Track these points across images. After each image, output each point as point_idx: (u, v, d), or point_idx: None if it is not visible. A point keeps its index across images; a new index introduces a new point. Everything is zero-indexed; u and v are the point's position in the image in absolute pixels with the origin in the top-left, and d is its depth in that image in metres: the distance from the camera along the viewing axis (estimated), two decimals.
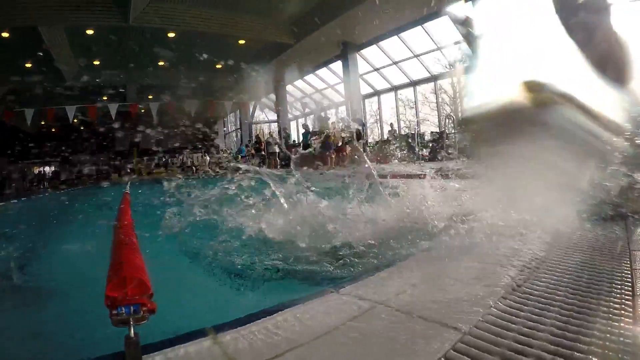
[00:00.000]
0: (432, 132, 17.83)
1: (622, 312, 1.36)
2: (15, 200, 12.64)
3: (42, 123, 29.05)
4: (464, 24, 14.14)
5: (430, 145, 16.49)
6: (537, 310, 1.40)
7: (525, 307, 1.43)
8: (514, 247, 2.13)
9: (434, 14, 16.06)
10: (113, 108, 20.10)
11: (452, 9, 15.23)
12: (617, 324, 1.28)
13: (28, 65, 19.76)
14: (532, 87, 1.35)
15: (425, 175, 4.13)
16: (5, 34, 16.03)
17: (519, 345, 1.17)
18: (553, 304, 1.44)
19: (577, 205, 3.23)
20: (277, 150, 21.17)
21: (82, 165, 33.09)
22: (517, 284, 1.65)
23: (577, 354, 1.12)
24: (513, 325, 1.29)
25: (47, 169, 34.33)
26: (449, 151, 12.77)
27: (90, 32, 17.31)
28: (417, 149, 14.49)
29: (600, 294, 1.51)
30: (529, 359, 1.11)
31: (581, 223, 2.71)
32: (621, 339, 1.19)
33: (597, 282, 1.65)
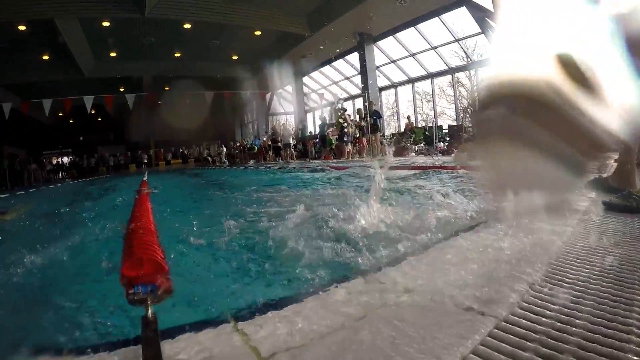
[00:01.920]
0: (449, 126, 17.67)
1: None
2: (33, 190, 12.80)
3: (60, 114, 29.45)
4: (483, 15, 13.97)
5: (448, 138, 16.37)
6: (572, 298, 1.33)
7: (560, 295, 1.36)
8: (538, 237, 2.06)
9: (452, 5, 15.90)
10: (130, 99, 20.25)
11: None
12: None
13: (45, 57, 19.97)
14: (568, 61, 1.26)
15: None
16: (21, 27, 16.19)
17: (557, 333, 1.11)
18: (587, 292, 1.38)
19: (600, 196, 3.16)
20: (292, 142, 21.20)
21: (100, 156, 33.57)
22: (549, 272, 1.59)
23: (620, 333, 1.06)
24: (549, 312, 1.23)
25: (65, 159, 34.88)
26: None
27: (106, 24, 17.42)
28: (435, 142, 14.37)
29: (633, 285, 1.44)
30: (569, 346, 1.05)
31: (605, 214, 2.63)
32: None
33: (629, 271, 1.57)
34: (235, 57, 24.00)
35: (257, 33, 19.96)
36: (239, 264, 2.26)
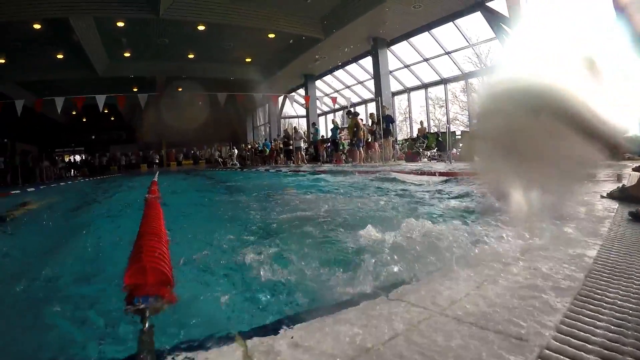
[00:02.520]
0: (462, 131, 17.50)
1: None
2: (43, 187, 12.80)
3: (73, 113, 29.67)
4: (497, 20, 13.93)
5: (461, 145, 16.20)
6: (614, 320, 1.20)
7: (603, 317, 1.23)
8: (567, 251, 1.93)
9: (466, 10, 15.77)
10: (142, 99, 20.30)
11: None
12: None
13: (59, 56, 20.12)
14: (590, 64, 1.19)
15: None
16: (36, 26, 16.29)
17: None
18: (630, 312, 1.25)
19: (624, 206, 3.03)
20: (303, 145, 21.13)
21: (111, 155, 33.78)
22: (586, 290, 1.45)
23: None
24: (593, 338, 1.10)
25: (77, 157, 35.16)
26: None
27: (120, 24, 17.49)
28: (447, 148, 14.20)
29: None
30: None
31: (632, 225, 2.49)
32: None
33: None
34: (248, 60, 24.02)
35: (271, 36, 19.94)
36: (256, 278, 2.06)
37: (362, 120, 17.57)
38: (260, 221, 3.63)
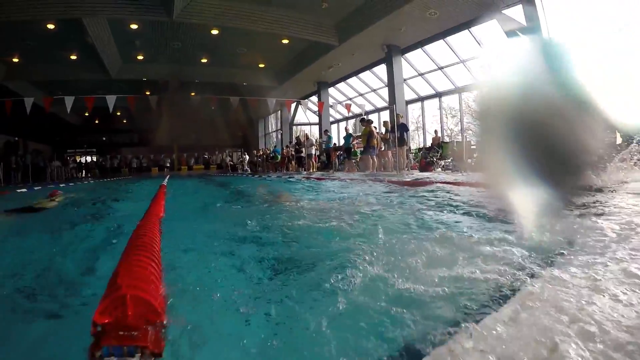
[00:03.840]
0: (477, 141, 17.14)
1: None
2: (51, 186, 12.60)
3: (86, 115, 29.80)
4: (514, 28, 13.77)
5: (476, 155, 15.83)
6: None
7: None
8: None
9: (482, 17, 15.46)
10: (154, 102, 20.20)
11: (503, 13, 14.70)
12: None
13: (73, 57, 20.14)
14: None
15: None
16: (50, 26, 16.27)
17: None
18: None
19: None
20: (315, 152, 20.93)
21: (123, 157, 33.93)
22: None
23: None
24: None
25: (88, 158, 35.43)
26: None
27: (134, 26, 17.46)
28: (464, 158, 13.88)
29: None
30: None
31: None
32: None
33: None
34: (261, 65, 23.88)
35: (285, 41, 19.77)
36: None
37: (375, 128, 17.29)
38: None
